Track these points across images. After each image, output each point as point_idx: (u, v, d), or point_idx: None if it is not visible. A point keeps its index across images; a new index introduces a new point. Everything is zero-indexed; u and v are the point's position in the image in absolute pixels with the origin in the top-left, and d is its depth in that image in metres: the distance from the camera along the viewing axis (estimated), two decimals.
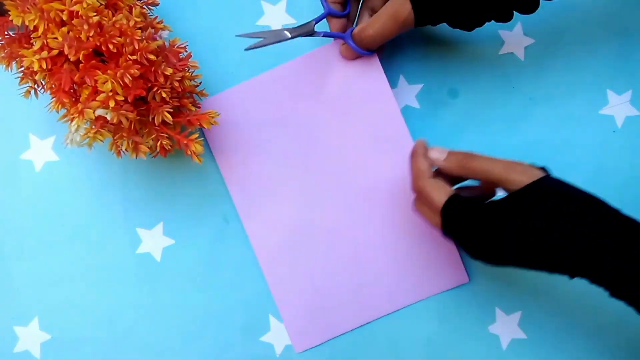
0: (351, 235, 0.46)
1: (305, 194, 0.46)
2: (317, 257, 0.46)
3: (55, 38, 0.34)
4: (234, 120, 0.46)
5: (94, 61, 0.35)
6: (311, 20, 0.42)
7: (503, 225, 0.33)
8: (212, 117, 0.40)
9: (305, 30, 0.43)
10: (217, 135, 0.45)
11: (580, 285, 0.47)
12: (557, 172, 0.35)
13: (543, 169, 0.35)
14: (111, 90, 0.34)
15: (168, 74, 0.36)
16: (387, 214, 0.46)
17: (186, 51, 0.39)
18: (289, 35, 0.42)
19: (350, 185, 0.46)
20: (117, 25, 0.34)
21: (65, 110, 0.37)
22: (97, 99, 0.34)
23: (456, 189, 0.38)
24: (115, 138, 0.38)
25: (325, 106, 0.46)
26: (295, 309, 0.46)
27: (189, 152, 0.40)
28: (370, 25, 0.40)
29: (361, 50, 0.42)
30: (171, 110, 0.38)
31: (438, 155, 0.38)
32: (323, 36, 0.43)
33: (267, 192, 0.46)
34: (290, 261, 0.46)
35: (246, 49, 0.41)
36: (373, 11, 0.42)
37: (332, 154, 0.46)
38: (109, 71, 0.34)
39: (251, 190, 0.46)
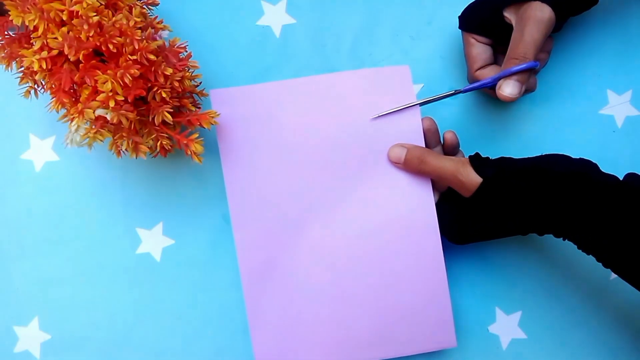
0: (344, 269, 0.43)
1: (305, 215, 0.43)
2: (304, 282, 0.43)
3: (55, 38, 0.33)
4: (253, 119, 0.42)
5: (94, 61, 0.35)
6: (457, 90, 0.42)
7: (473, 218, 0.39)
8: (212, 117, 0.40)
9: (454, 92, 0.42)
10: (228, 132, 0.42)
11: (580, 285, 0.47)
12: None
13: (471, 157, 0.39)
14: (111, 90, 0.34)
15: (168, 74, 0.36)
16: (388, 256, 0.43)
17: (186, 51, 0.39)
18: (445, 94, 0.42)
19: (354, 217, 0.43)
20: (117, 25, 0.34)
21: (65, 110, 0.37)
22: (97, 99, 0.34)
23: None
24: (115, 138, 0.38)
25: (350, 131, 0.42)
26: (267, 329, 0.43)
27: (189, 152, 0.40)
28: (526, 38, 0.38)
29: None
30: (171, 110, 0.38)
31: (397, 157, 0.42)
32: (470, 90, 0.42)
33: (265, 203, 0.43)
34: (274, 278, 0.43)
35: (420, 102, 0.42)
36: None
37: (342, 183, 0.43)
38: (109, 71, 0.34)
39: (249, 198, 0.43)
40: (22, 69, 0.37)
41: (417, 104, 0.42)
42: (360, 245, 0.43)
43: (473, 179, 0.37)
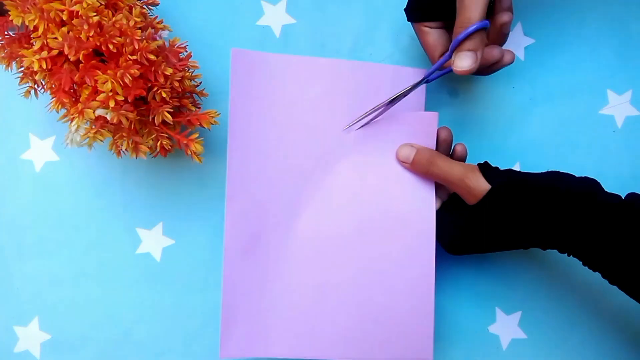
0: (331, 259, 0.42)
1: (301, 198, 0.42)
2: (287, 265, 0.42)
3: (55, 38, 0.34)
4: (267, 88, 0.42)
5: (94, 61, 0.35)
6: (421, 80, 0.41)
7: (481, 227, 0.38)
8: (212, 117, 0.40)
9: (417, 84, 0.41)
10: (241, 96, 0.41)
11: (580, 285, 0.47)
12: None
13: (481, 165, 0.39)
14: (111, 90, 0.34)
15: (168, 74, 0.36)
16: (378, 254, 0.42)
17: (186, 51, 0.39)
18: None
19: (350, 210, 0.42)
20: (117, 25, 0.34)
21: (65, 110, 0.37)
22: (97, 99, 0.34)
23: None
24: (115, 138, 0.38)
25: (361, 123, 0.42)
26: (239, 311, 0.41)
27: (189, 152, 0.40)
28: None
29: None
30: (171, 110, 0.38)
31: (406, 157, 0.41)
32: (436, 77, 0.41)
33: (263, 176, 0.42)
34: (258, 254, 0.42)
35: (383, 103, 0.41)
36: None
37: (344, 173, 0.42)
38: (109, 71, 0.34)
39: (248, 168, 0.42)
40: (22, 69, 0.37)
41: (386, 102, 0.41)
42: (352, 239, 0.42)
43: (481, 185, 0.37)
